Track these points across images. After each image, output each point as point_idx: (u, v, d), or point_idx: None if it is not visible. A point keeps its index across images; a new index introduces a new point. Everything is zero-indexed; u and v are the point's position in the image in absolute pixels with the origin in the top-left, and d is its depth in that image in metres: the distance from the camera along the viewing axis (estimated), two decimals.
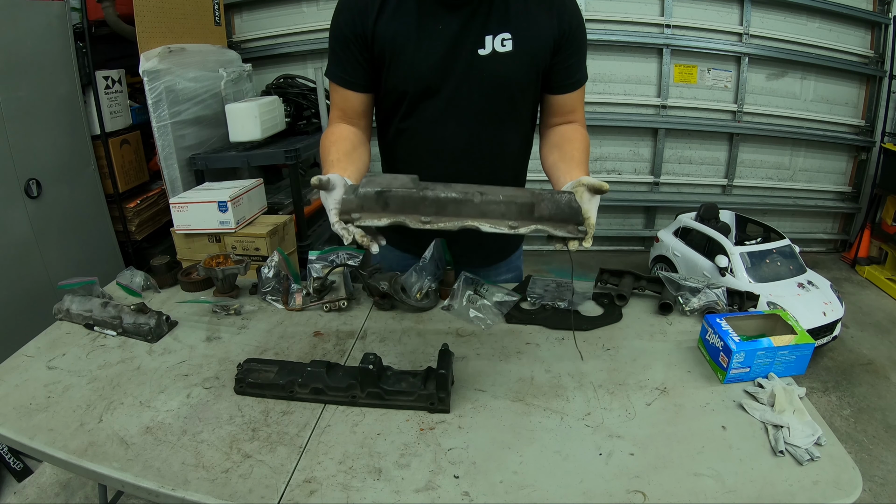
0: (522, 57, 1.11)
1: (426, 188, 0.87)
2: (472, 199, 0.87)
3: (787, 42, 3.78)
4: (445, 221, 0.87)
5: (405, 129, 1.21)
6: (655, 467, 0.84)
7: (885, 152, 3.69)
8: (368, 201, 0.86)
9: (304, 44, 3.83)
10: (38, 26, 2.37)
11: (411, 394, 0.96)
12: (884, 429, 2.32)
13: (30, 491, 2.00)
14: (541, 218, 0.87)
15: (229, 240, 2.22)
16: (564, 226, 0.87)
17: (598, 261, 1.18)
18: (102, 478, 0.87)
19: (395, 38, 1.09)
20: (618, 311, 1.27)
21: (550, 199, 0.87)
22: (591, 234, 0.88)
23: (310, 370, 0.99)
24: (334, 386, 0.99)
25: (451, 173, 1.22)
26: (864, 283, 3.73)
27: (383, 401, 0.97)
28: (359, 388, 0.98)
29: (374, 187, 0.86)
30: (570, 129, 1.21)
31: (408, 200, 0.86)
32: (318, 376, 0.99)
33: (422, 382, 0.97)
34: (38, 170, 2.39)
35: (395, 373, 1.00)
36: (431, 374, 0.98)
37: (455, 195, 0.87)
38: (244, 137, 2.78)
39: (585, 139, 1.20)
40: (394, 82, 1.15)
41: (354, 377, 0.98)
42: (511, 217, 0.87)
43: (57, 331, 1.26)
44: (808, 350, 1.01)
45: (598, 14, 3.70)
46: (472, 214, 0.87)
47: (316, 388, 0.99)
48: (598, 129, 3.93)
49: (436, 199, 0.86)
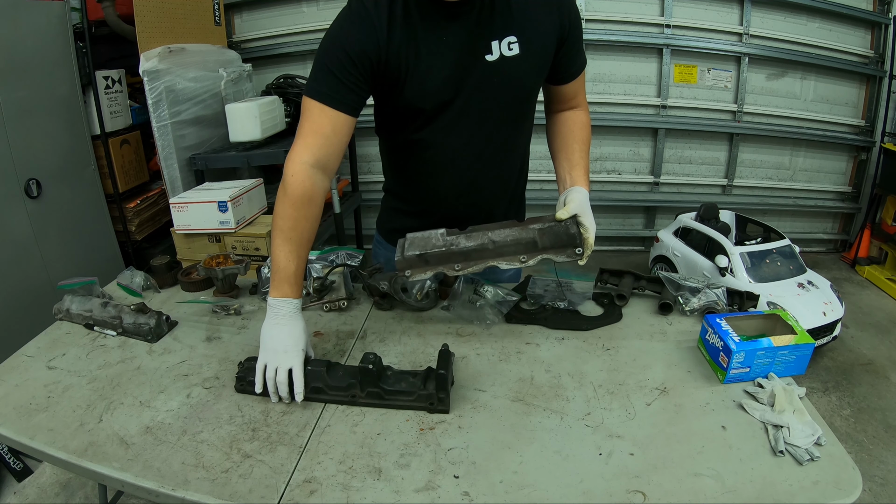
0: (530, 58, 1.10)
1: (452, 244, 1.09)
2: (489, 246, 1.08)
3: (787, 42, 3.78)
4: (473, 266, 1.10)
5: (417, 140, 1.18)
6: (655, 467, 0.84)
7: (885, 152, 3.69)
8: (413, 262, 1.10)
9: (304, 44, 3.83)
10: (38, 26, 2.37)
11: (411, 394, 0.97)
12: (884, 429, 2.32)
13: (30, 491, 2.00)
14: (544, 248, 1.07)
15: (229, 240, 2.21)
16: (564, 251, 1.06)
17: (598, 261, 1.18)
18: (102, 478, 0.87)
19: (406, 57, 1.06)
20: (618, 311, 1.27)
21: (550, 231, 1.06)
22: (588, 253, 1.06)
23: (310, 369, 0.99)
24: (334, 385, 0.99)
25: (462, 179, 1.23)
26: (864, 283, 3.73)
27: (383, 400, 0.98)
28: (359, 388, 0.98)
29: (414, 251, 1.09)
30: (572, 117, 1.26)
31: (442, 257, 1.09)
32: (317, 375, 0.99)
33: (422, 382, 0.97)
34: (38, 170, 2.39)
35: (396, 373, 1.00)
36: (431, 374, 0.98)
37: (475, 245, 1.09)
38: (244, 137, 2.78)
39: (586, 126, 1.26)
40: (406, 101, 1.11)
41: (354, 377, 0.98)
42: (521, 252, 1.08)
43: (57, 331, 1.26)
44: (808, 350, 1.01)
45: (598, 14, 3.69)
46: (491, 257, 1.09)
47: (316, 387, 0.99)
48: (598, 129, 3.92)
49: (461, 251, 1.09)
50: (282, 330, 1.01)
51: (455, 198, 1.26)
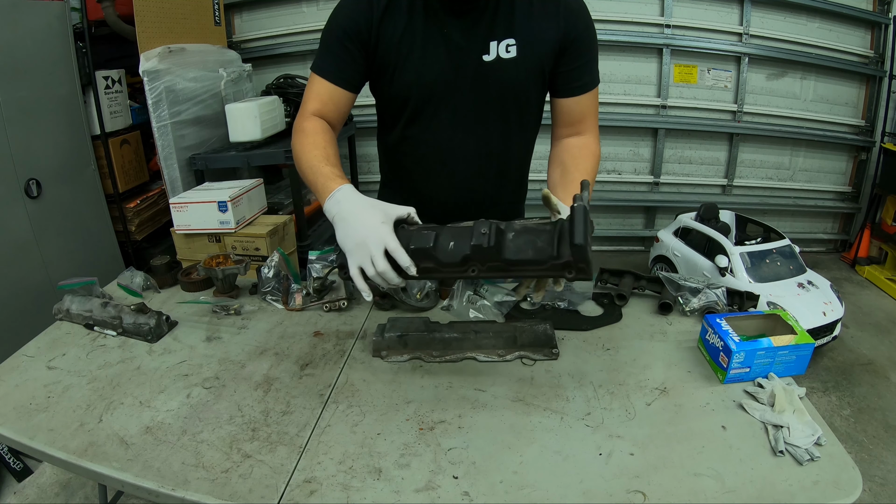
0: (526, 63, 1.09)
1: (434, 330, 1.12)
2: (469, 337, 1.11)
3: (787, 42, 3.78)
4: (451, 355, 1.10)
5: (409, 136, 1.19)
6: (655, 467, 0.84)
7: (885, 152, 3.69)
8: (393, 342, 1.11)
9: (304, 44, 3.83)
10: (38, 26, 2.37)
11: (542, 262, 0.83)
12: (884, 429, 2.32)
13: (30, 491, 2.00)
14: (522, 346, 1.10)
15: (229, 240, 2.21)
16: (541, 350, 1.10)
17: (598, 261, 1.18)
18: (102, 478, 0.87)
19: (401, 43, 1.07)
20: (618, 311, 1.27)
21: (529, 330, 1.11)
22: None
23: (413, 248, 0.86)
24: (447, 262, 0.86)
25: (452, 179, 1.23)
26: (864, 283, 3.73)
27: (507, 273, 0.86)
28: (478, 262, 0.86)
29: (396, 332, 1.11)
30: (577, 146, 1.16)
31: (421, 341, 1.11)
32: (425, 253, 0.86)
33: (554, 247, 0.82)
34: (38, 170, 2.39)
35: (518, 233, 0.85)
36: (564, 234, 0.82)
37: (456, 335, 1.11)
38: (244, 137, 2.78)
39: (593, 155, 1.16)
40: (397, 89, 1.12)
41: (470, 247, 0.85)
42: (499, 347, 1.10)
43: (57, 331, 1.26)
44: (808, 350, 1.01)
45: (598, 14, 3.69)
46: (470, 348, 1.10)
47: (426, 267, 0.87)
48: (598, 128, 3.93)
49: (442, 339, 1.11)
50: (356, 218, 0.90)
51: (446, 198, 1.26)
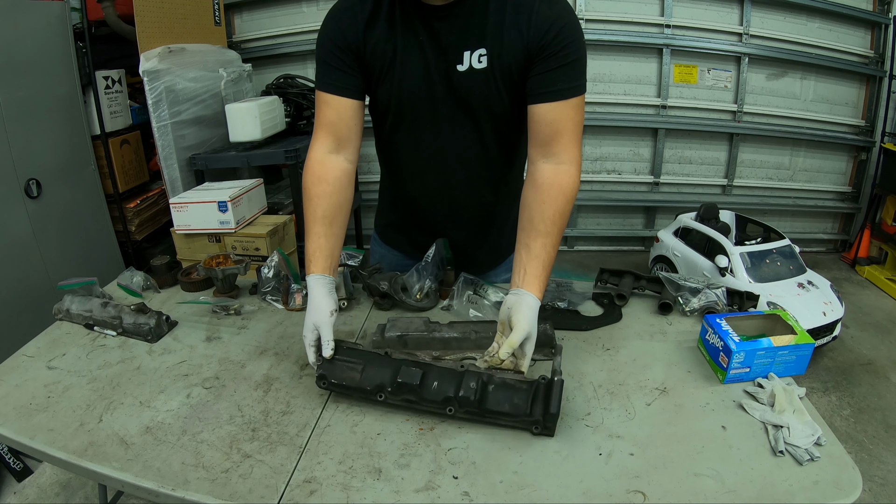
0: (496, 73, 1.06)
1: (434, 330, 1.11)
2: (469, 337, 1.10)
3: (787, 42, 3.78)
4: (451, 355, 1.08)
5: (395, 141, 1.20)
6: (655, 467, 0.84)
7: (885, 152, 3.69)
8: (393, 342, 1.10)
9: (304, 44, 3.83)
10: (38, 26, 2.37)
11: (514, 416, 0.90)
12: (884, 429, 2.32)
13: (30, 491, 2.00)
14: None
15: (229, 240, 2.22)
16: (541, 349, 1.07)
17: (598, 261, 1.18)
18: (102, 478, 0.87)
19: (383, 52, 1.07)
20: (618, 311, 1.27)
21: None
22: (525, 364, 0.96)
23: (400, 382, 0.93)
24: (429, 399, 0.93)
25: (431, 185, 1.24)
26: (864, 283, 3.72)
27: (483, 418, 0.93)
28: (457, 405, 0.92)
29: (396, 332, 1.11)
30: (548, 182, 1.02)
31: (421, 341, 1.10)
32: (410, 388, 0.93)
33: (528, 404, 0.90)
34: (38, 170, 2.39)
35: (498, 387, 0.93)
36: (538, 393, 0.91)
37: (456, 335, 1.10)
38: (244, 137, 2.78)
39: (563, 193, 1.01)
40: (381, 96, 1.13)
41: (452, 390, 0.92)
42: None
43: (57, 331, 1.26)
44: (808, 350, 1.01)
45: (598, 14, 3.69)
46: (470, 348, 1.09)
47: (408, 399, 0.94)
48: (598, 129, 3.93)
49: (442, 339, 1.10)
50: (311, 304, 1.05)
51: (428, 203, 1.28)
